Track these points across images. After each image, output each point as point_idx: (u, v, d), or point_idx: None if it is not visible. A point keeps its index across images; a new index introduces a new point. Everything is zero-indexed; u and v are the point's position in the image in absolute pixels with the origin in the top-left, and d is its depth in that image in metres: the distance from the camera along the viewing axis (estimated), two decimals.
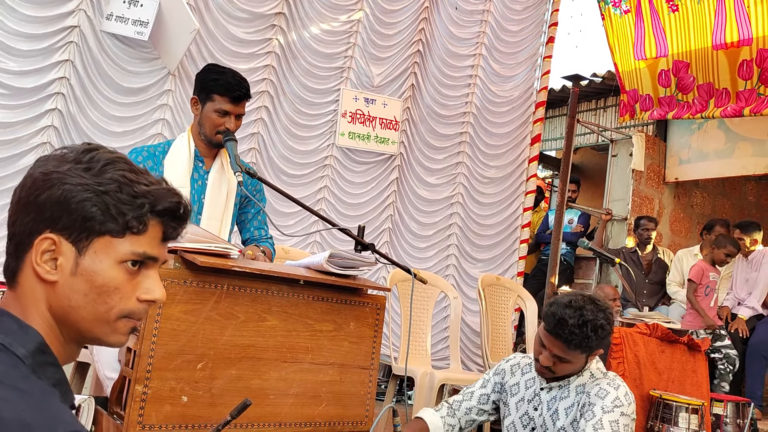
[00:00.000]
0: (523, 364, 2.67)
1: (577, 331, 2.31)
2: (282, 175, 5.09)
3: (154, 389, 1.96)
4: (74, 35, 4.33)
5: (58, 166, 1.02)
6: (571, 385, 2.47)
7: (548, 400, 2.50)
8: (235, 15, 4.88)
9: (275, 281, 2.21)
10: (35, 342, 1.00)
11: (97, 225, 1.02)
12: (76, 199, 1.00)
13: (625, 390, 2.39)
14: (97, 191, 1.01)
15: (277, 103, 5.10)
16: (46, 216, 1.01)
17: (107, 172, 1.03)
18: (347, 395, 2.38)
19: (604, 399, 2.34)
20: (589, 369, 2.48)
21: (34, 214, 1.01)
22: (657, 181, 7.23)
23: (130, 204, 1.03)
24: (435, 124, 5.81)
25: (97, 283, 1.03)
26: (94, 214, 1.01)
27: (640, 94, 6.25)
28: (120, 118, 4.49)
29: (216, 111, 2.73)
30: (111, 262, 1.04)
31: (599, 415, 2.30)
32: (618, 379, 2.46)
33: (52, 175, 1.01)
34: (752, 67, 5.34)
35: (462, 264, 5.91)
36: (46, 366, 1.01)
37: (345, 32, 5.38)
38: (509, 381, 2.65)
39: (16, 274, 1.04)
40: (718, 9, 5.44)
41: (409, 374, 3.82)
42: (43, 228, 1.01)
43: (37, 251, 1.01)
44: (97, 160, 1.03)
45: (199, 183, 2.81)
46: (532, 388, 2.58)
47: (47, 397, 0.94)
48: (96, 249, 1.03)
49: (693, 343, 3.87)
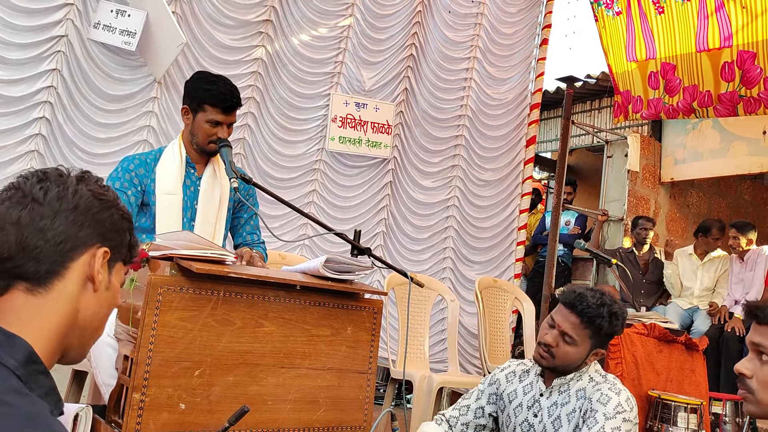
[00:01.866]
0: (519, 371, 2.63)
1: (593, 307, 2.37)
2: (268, 178, 5.08)
3: (151, 397, 1.96)
4: (62, 45, 4.35)
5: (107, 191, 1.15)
6: (571, 390, 2.44)
7: (548, 406, 2.47)
8: (222, 22, 4.89)
9: (272, 287, 2.21)
10: (24, 352, 1.00)
11: (122, 251, 1.18)
12: (122, 227, 1.16)
13: (626, 395, 2.38)
14: (129, 222, 1.19)
15: (264, 109, 5.10)
16: (101, 232, 1.12)
17: (124, 206, 1.19)
18: (345, 400, 2.37)
19: (606, 405, 2.32)
20: (588, 372, 2.47)
21: (91, 229, 1.10)
22: (652, 181, 7.25)
23: (135, 243, 1.21)
24: (430, 127, 5.82)
25: (114, 300, 1.19)
26: (126, 242, 1.18)
27: (633, 95, 6.27)
28: (106, 125, 4.50)
29: (208, 122, 2.73)
30: (119, 281, 1.19)
31: (602, 422, 2.28)
32: (619, 383, 2.44)
33: (106, 197, 1.14)
34: (734, 69, 5.37)
35: (458, 267, 5.91)
36: (37, 375, 1.01)
37: (335, 38, 5.38)
38: (506, 389, 2.61)
39: (51, 275, 1.07)
40: (700, 11, 5.47)
41: (407, 378, 3.81)
42: (97, 241, 1.11)
43: (98, 259, 1.11)
44: (113, 191, 1.19)
45: (191, 189, 2.81)
46: (531, 393, 2.54)
47: (37, 411, 0.93)
48: (116, 271, 1.18)
49: (691, 342, 3.88)
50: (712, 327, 5.52)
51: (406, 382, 3.09)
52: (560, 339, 2.40)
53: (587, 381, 2.44)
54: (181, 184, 2.78)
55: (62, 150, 4.36)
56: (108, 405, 2.13)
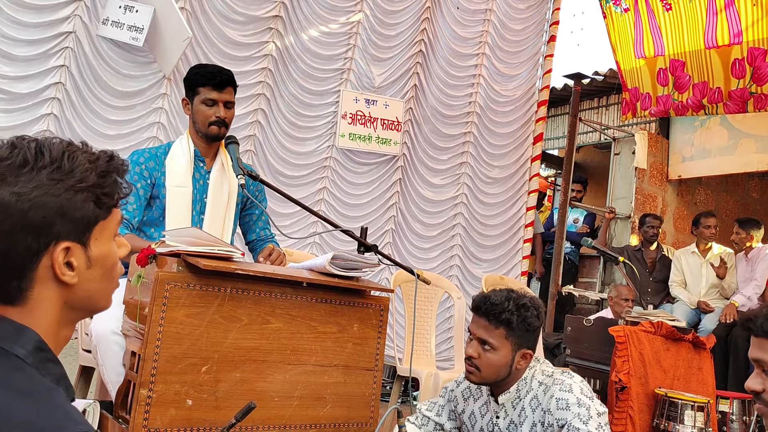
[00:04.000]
0: (473, 388, 2.53)
1: (497, 304, 2.28)
2: (279, 176, 5.09)
3: (158, 393, 1.96)
4: (70, 41, 4.35)
5: (30, 182, 0.99)
6: (524, 402, 2.33)
7: (506, 427, 2.35)
8: (231, 18, 4.89)
9: (278, 284, 2.21)
10: (33, 341, 1.01)
11: (93, 218, 1.06)
12: (73, 206, 1.03)
13: (579, 387, 2.26)
14: (83, 188, 1.04)
15: (274, 106, 5.10)
16: (45, 231, 1.01)
17: (76, 166, 1.04)
18: (352, 397, 2.37)
19: (571, 408, 2.20)
20: (535, 378, 2.35)
21: (31, 236, 1.00)
22: (660, 178, 7.22)
23: (109, 186, 1.08)
24: (439, 124, 5.81)
25: (108, 264, 1.11)
26: (91, 211, 1.05)
27: (641, 92, 6.25)
28: (116, 122, 4.51)
29: (203, 102, 2.77)
30: (108, 240, 1.10)
31: (584, 429, 2.15)
32: (566, 376, 2.31)
33: (32, 195, 0.99)
34: (744, 65, 5.35)
35: (466, 264, 5.91)
36: (47, 363, 1.02)
37: (344, 34, 5.38)
38: (464, 409, 2.51)
39: (21, 290, 1.02)
40: (709, 8, 5.44)
41: (413, 375, 3.81)
42: (50, 240, 1.01)
43: (58, 264, 1.02)
44: (56, 157, 1.03)
45: (200, 183, 2.82)
46: (487, 416, 2.43)
47: (54, 397, 0.95)
48: (96, 236, 1.08)
49: (698, 340, 3.86)
50: (720, 325, 5.49)
51: (412, 379, 3.08)
52: (480, 349, 2.31)
53: (537, 387, 2.32)
54: (190, 176, 2.79)
55: None
56: (115, 401, 2.14)
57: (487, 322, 2.30)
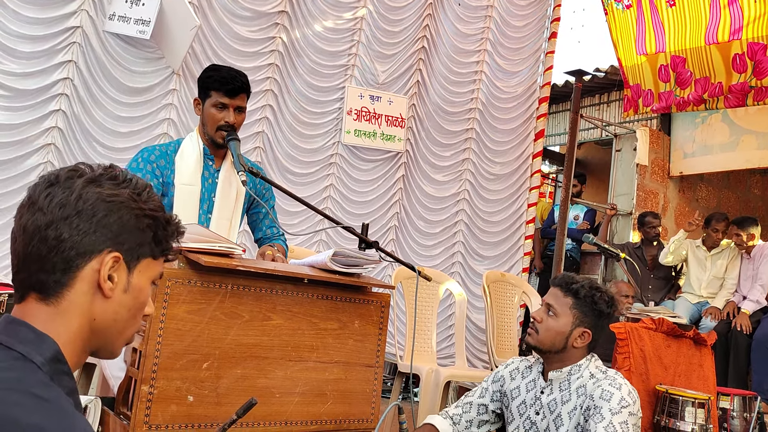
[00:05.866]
0: (522, 368, 2.65)
1: (578, 281, 2.48)
2: (288, 174, 5.10)
3: (160, 389, 1.96)
4: (77, 36, 4.34)
5: (116, 190, 1.09)
6: (572, 387, 2.44)
7: (548, 402, 2.46)
8: (238, 14, 4.89)
9: (279, 280, 2.21)
10: (51, 350, 1.03)
11: (147, 248, 1.12)
12: (140, 225, 1.10)
13: (628, 389, 2.37)
14: (151, 217, 1.12)
15: (282, 102, 5.10)
16: (110, 236, 1.07)
17: (150, 200, 1.13)
18: (353, 393, 2.38)
19: (610, 401, 2.32)
20: (588, 368, 2.46)
21: (97, 235, 1.06)
22: (661, 175, 7.22)
23: (171, 233, 1.17)
24: (441, 120, 5.81)
25: (141, 300, 1.14)
26: (149, 239, 1.12)
27: (643, 89, 6.24)
28: (125, 119, 4.49)
29: (214, 105, 2.74)
30: (147, 281, 1.15)
31: (609, 418, 2.28)
32: (619, 377, 2.43)
33: (116, 199, 1.08)
34: (746, 60, 5.34)
35: (468, 261, 5.91)
36: (62, 375, 1.03)
37: (349, 30, 5.38)
38: (509, 386, 2.62)
39: (60, 286, 1.05)
40: (713, 3, 5.43)
41: (414, 372, 3.82)
42: (105, 247, 1.07)
43: (105, 267, 1.07)
44: (139, 186, 1.12)
45: (209, 181, 2.81)
46: (533, 391, 2.54)
47: (64, 404, 0.96)
48: (141, 269, 1.13)
49: (699, 337, 3.86)
50: (721, 322, 5.49)
51: (413, 375, 3.09)
52: (544, 313, 2.49)
53: (588, 378, 2.43)
54: (199, 175, 2.78)
55: (80, 143, 4.35)
56: (116, 397, 2.14)
57: (558, 290, 2.50)
